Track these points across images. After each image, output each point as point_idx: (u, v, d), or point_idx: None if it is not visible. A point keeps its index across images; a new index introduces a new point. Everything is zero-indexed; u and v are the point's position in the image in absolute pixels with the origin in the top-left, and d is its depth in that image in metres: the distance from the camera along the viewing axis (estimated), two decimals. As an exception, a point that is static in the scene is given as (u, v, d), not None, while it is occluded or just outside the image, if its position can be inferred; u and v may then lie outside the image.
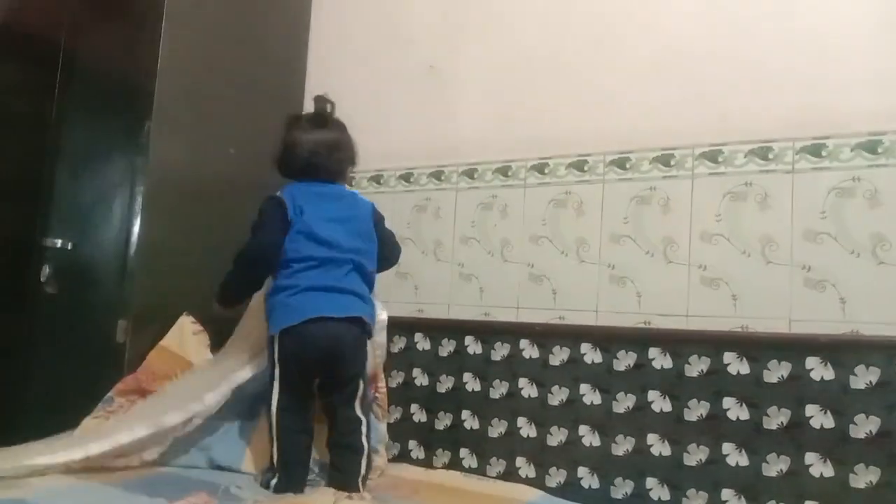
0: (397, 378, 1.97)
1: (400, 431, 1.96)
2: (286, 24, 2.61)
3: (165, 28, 2.12)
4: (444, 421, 1.93)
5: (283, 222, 1.71)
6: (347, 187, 1.87)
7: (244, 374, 1.80)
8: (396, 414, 1.96)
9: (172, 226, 2.14)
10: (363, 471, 1.65)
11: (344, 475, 1.64)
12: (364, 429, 1.68)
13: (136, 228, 2.08)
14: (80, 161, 2.28)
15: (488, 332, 1.92)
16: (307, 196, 1.74)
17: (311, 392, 1.70)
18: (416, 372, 1.99)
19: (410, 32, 2.48)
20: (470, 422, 1.89)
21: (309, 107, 2.58)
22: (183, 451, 1.77)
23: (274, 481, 1.64)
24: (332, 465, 1.67)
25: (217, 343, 2.10)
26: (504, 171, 2.21)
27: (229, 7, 2.36)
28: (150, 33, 2.12)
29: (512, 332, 1.90)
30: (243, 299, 1.90)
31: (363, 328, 1.71)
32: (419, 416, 1.97)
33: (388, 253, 1.88)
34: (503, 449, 1.84)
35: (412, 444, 1.96)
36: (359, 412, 1.69)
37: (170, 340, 2.06)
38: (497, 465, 1.84)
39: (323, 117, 1.84)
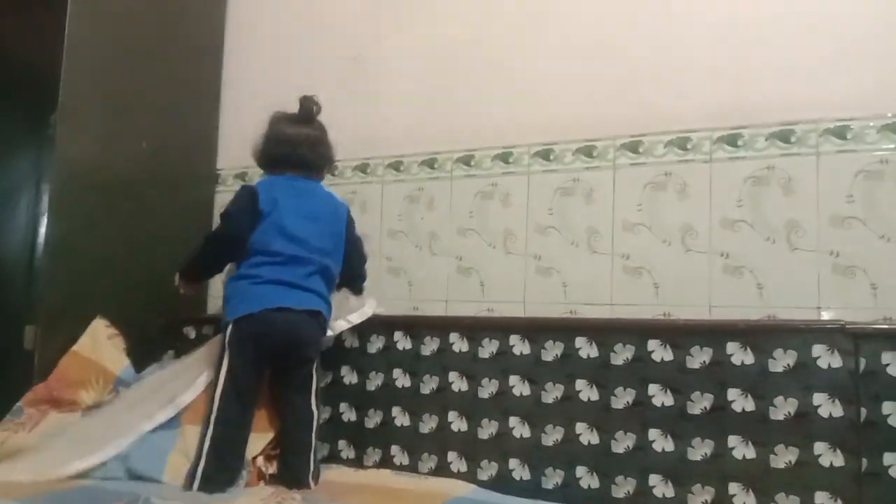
0: (326, 377, 1.92)
1: (329, 431, 1.91)
2: (201, 10, 2.51)
3: (71, 12, 2.01)
4: (374, 419, 1.90)
5: (252, 212, 1.73)
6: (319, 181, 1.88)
7: (189, 395, 1.75)
8: (325, 414, 1.92)
9: (82, 224, 2.04)
10: (312, 467, 1.68)
11: (294, 472, 1.66)
12: (315, 425, 1.73)
13: (42, 228, 1.97)
14: (-20, 158, 2.15)
15: (417, 326, 1.90)
16: (284, 189, 1.76)
17: (258, 385, 1.71)
18: (345, 370, 1.95)
19: (333, 20, 2.43)
20: (400, 418, 1.87)
21: (229, 95, 2.54)
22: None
23: (198, 475, 1.58)
24: (283, 461, 1.70)
25: (133, 346, 2.02)
26: (430, 164, 2.19)
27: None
28: (54, 19, 2.00)
29: (441, 325, 1.88)
30: (204, 280, 2.02)
31: (319, 322, 1.75)
32: (348, 414, 1.93)
33: (356, 263, 1.93)
34: (434, 445, 1.82)
35: (342, 444, 1.92)
36: (313, 405, 1.74)
37: (83, 345, 1.96)
38: (429, 461, 1.82)
39: (308, 116, 1.85)
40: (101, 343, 1.98)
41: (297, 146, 1.81)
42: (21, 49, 2.16)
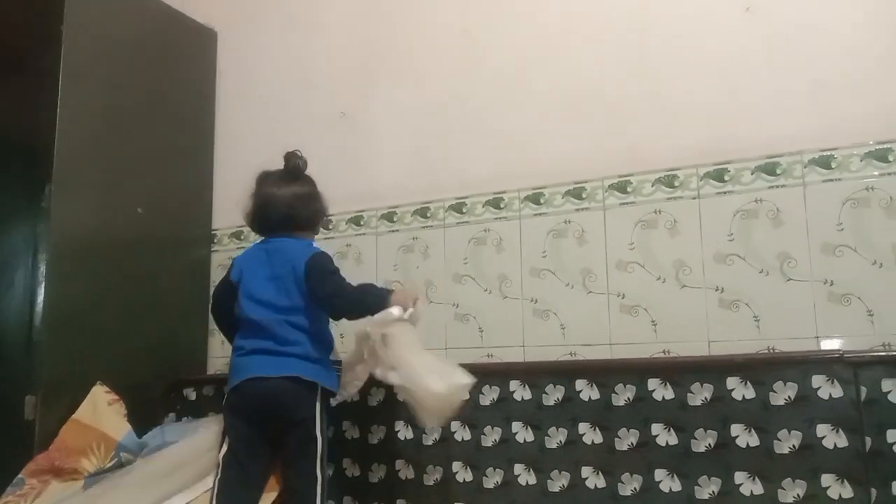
0: (327, 433, 1.91)
1: (334, 488, 1.89)
2: (190, 76, 2.56)
3: (63, 85, 2.05)
4: (378, 473, 1.88)
5: (225, 285, 1.83)
6: (312, 237, 1.90)
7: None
8: (329, 470, 1.90)
9: (79, 292, 2.05)
10: None
11: None
12: (319, 489, 1.68)
13: (40, 297, 1.98)
14: (-24, 231, 2.17)
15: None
16: (255, 255, 1.81)
17: (258, 450, 1.70)
18: (346, 425, 1.94)
19: (321, 79, 2.47)
20: (405, 471, 1.86)
21: (223, 155, 2.58)
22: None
23: None
24: None
25: (134, 411, 2.01)
26: (423, 213, 2.21)
27: (129, 62, 2.30)
28: (47, 91, 2.04)
29: (440, 374, 1.87)
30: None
31: (303, 384, 1.70)
32: (352, 470, 1.92)
33: (334, 304, 1.75)
34: (440, 496, 1.81)
35: (347, 500, 1.91)
36: (317, 470, 1.68)
37: (83, 413, 1.96)
38: (433, 512, 1.81)
39: (295, 172, 1.85)
40: (101, 409, 1.97)
41: (289, 208, 1.80)
42: (16, 125, 2.19)
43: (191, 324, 2.40)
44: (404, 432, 1.87)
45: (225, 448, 1.70)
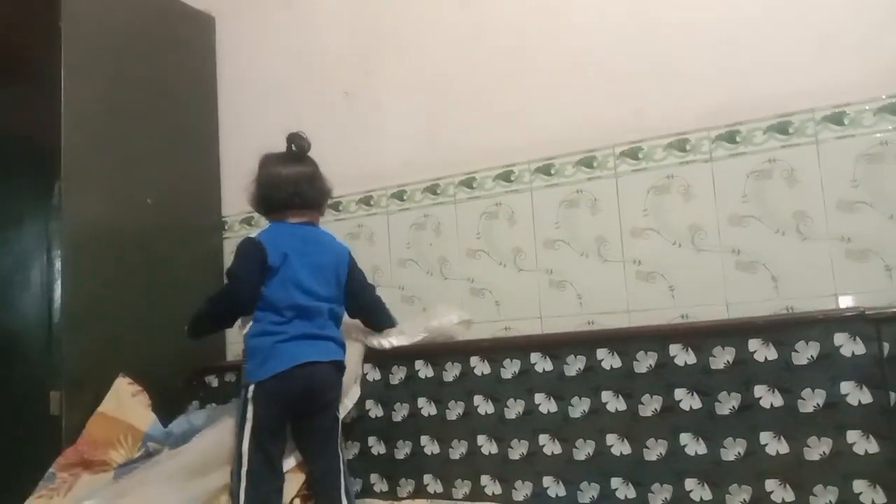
0: (351, 412, 1.93)
1: (360, 466, 1.92)
2: (190, 63, 2.55)
3: (66, 81, 2.05)
4: (403, 450, 1.90)
5: (260, 268, 1.71)
6: (318, 218, 1.88)
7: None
8: (354, 449, 1.92)
9: (96, 286, 2.06)
10: None
11: None
12: (342, 469, 1.73)
13: (57, 294, 1.99)
14: (-9, 232, 2.18)
15: (438, 353, 1.90)
16: (290, 240, 1.75)
17: (281, 436, 1.71)
18: (370, 403, 1.95)
19: (322, 60, 2.45)
20: (430, 447, 1.87)
21: (228, 142, 2.57)
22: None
23: None
24: None
25: (157, 400, 2.03)
26: (433, 190, 2.21)
27: (129, 53, 2.29)
28: (50, 88, 2.04)
29: (461, 350, 1.88)
30: (208, 335, 1.89)
31: (340, 370, 1.77)
32: (377, 447, 1.93)
33: (370, 304, 1.93)
34: (467, 470, 1.82)
35: (374, 477, 1.92)
36: (339, 451, 1.75)
37: (108, 405, 1.98)
38: (462, 487, 1.82)
39: (298, 153, 1.83)
40: (125, 401, 2.00)
41: (296, 186, 1.78)
42: (18, 121, 2.19)
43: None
44: (427, 408, 1.88)
45: (249, 437, 1.66)
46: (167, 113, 2.38)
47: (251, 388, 1.67)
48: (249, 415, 1.67)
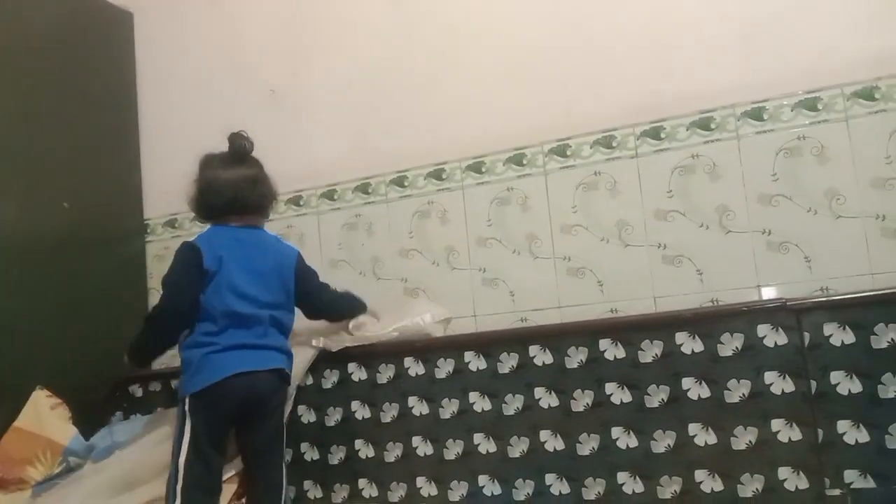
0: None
1: (293, 473, 1.87)
2: (107, 61, 2.45)
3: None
4: (337, 455, 1.87)
5: (198, 275, 1.61)
6: (263, 222, 1.78)
7: None
8: (287, 456, 1.88)
9: (10, 295, 1.96)
10: None
11: None
12: (284, 482, 1.67)
13: (-34, 304, 1.88)
14: None
15: (371, 355, 1.87)
16: (227, 243, 1.65)
17: (221, 447, 1.64)
18: (302, 409, 1.91)
19: (247, 58, 2.39)
20: (364, 451, 1.84)
21: (150, 141, 2.48)
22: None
23: None
24: None
25: (79, 412, 1.94)
26: (364, 189, 2.18)
27: (43, 50, 2.18)
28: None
29: (395, 351, 1.86)
30: (157, 357, 1.79)
31: (282, 377, 1.68)
32: (310, 454, 1.89)
33: (327, 300, 1.83)
34: (402, 472, 1.80)
35: (307, 484, 1.88)
36: (283, 463, 1.69)
37: (25, 420, 1.89)
38: (398, 490, 1.80)
39: (240, 154, 1.73)
40: (44, 415, 1.91)
41: (237, 190, 1.68)
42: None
43: (131, 318, 2.29)
44: (361, 412, 1.85)
45: (186, 451, 1.57)
46: (83, 112, 2.28)
47: (187, 400, 1.60)
48: (187, 428, 1.59)
